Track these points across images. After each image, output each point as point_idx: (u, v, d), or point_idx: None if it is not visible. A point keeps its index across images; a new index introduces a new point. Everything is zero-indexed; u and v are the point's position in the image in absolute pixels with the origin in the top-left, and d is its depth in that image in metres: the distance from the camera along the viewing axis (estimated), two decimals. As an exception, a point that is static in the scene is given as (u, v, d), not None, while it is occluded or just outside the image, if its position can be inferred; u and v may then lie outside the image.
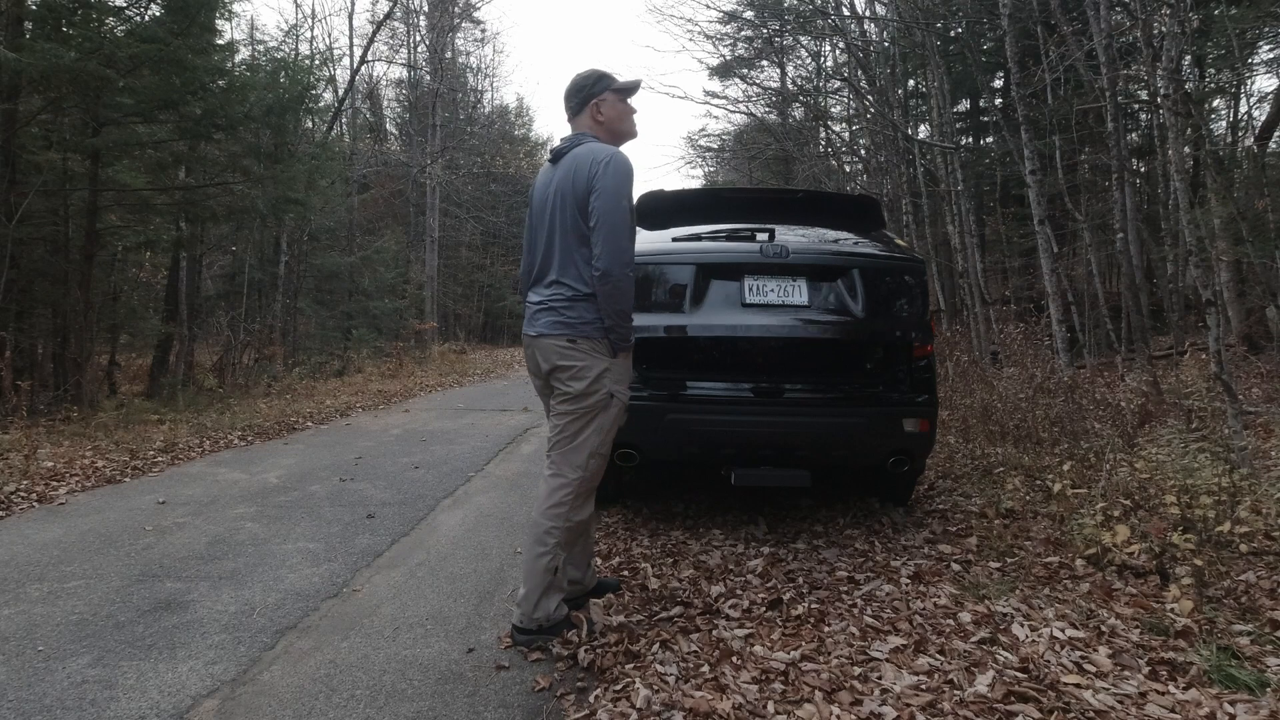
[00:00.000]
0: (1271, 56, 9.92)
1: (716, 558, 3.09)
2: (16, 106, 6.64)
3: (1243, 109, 10.50)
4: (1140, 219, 9.12)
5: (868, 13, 12.79)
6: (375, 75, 22.00)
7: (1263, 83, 15.19)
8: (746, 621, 2.44)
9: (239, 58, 10.78)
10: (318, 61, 12.08)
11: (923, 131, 14.12)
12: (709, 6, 28.30)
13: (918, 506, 3.88)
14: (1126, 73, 8.30)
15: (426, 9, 21.01)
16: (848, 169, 14.82)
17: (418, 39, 21.46)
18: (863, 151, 13.69)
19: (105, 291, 9.06)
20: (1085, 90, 8.66)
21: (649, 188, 4.13)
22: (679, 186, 4.25)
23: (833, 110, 16.41)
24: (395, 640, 2.37)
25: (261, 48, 12.75)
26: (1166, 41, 4.87)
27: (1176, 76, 4.74)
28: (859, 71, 12.40)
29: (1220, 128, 10.77)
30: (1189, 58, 8.37)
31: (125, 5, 7.45)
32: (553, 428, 2.36)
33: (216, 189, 8.84)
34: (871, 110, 11.64)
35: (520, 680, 2.12)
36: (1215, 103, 10.62)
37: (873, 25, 12.52)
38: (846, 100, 15.82)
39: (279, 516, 3.79)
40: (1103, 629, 2.32)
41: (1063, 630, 2.30)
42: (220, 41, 8.78)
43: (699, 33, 20.14)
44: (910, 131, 12.54)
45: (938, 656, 2.16)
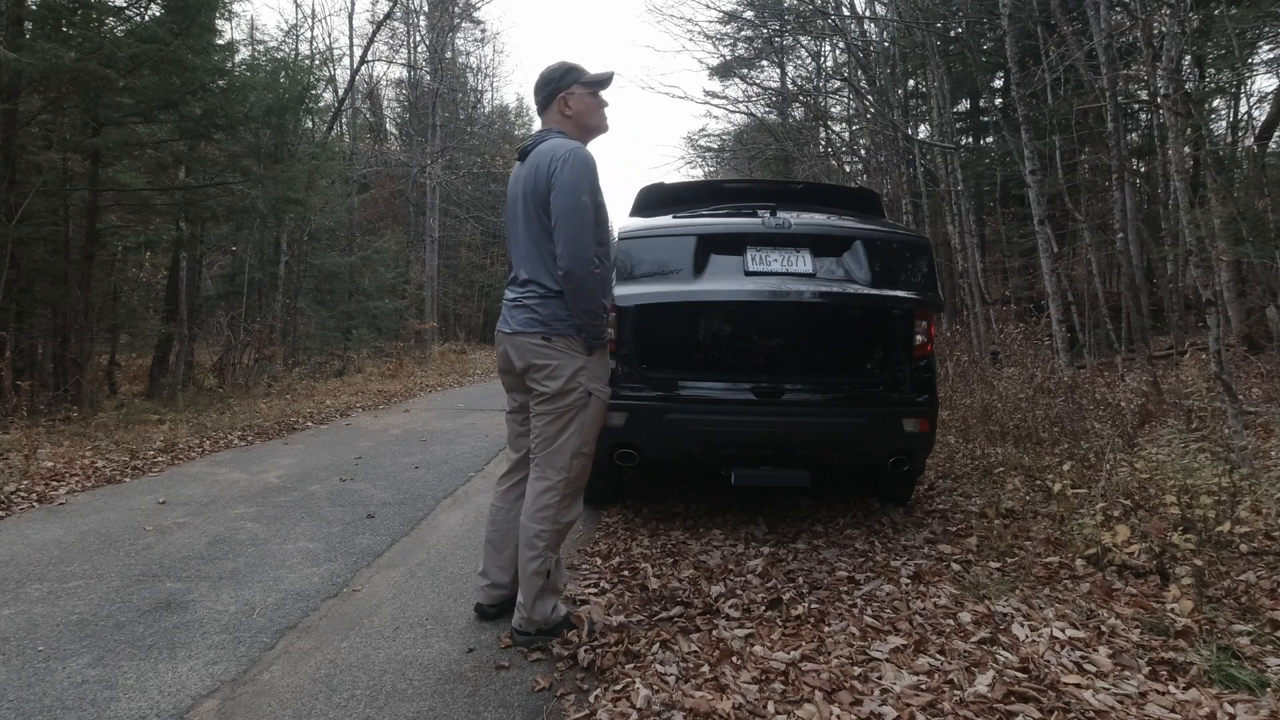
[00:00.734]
0: (1271, 56, 9.93)
1: (716, 558, 3.09)
2: (16, 106, 6.64)
3: (1243, 109, 10.51)
4: (1140, 219, 9.12)
5: (868, 13, 12.81)
6: (375, 75, 22.01)
7: (1263, 83, 15.20)
8: (746, 621, 2.44)
9: (239, 58, 10.77)
10: (318, 61, 12.08)
11: (923, 131, 14.12)
12: (709, 6, 28.32)
13: (918, 506, 3.88)
14: (1126, 73, 8.30)
15: (426, 9, 21.01)
16: (848, 169, 14.82)
17: (418, 39, 21.46)
18: (863, 151, 13.70)
19: (105, 291, 9.05)
20: (1085, 90, 8.66)
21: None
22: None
23: (833, 110, 16.42)
24: (395, 640, 2.37)
25: (261, 48, 12.74)
26: (1166, 41, 4.87)
27: (1176, 76, 4.74)
28: (859, 71, 12.41)
29: (1220, 128, 10.78)
30: (1189, 58, 8.37)
31: (125, 5, 7.45)
32: (533, 430, 2.35)
33: (216, 189, 8.84)
34: (871, 110, 11.64)
35: (520, 680, 2.12)
36: (1215, 103, 10.62)
37: (873, 25, 12.53)
38: (846, 100, 15.84)
39: (279, 516, 3.79)
40: (1103, 629, 2.32)
41: (1063, 630, 2.30)
42: (220, 41, 8.78)
43: (699, 33, 20.12)
44: (910, 131, 12.55)
45: (938, 656, 2.17)
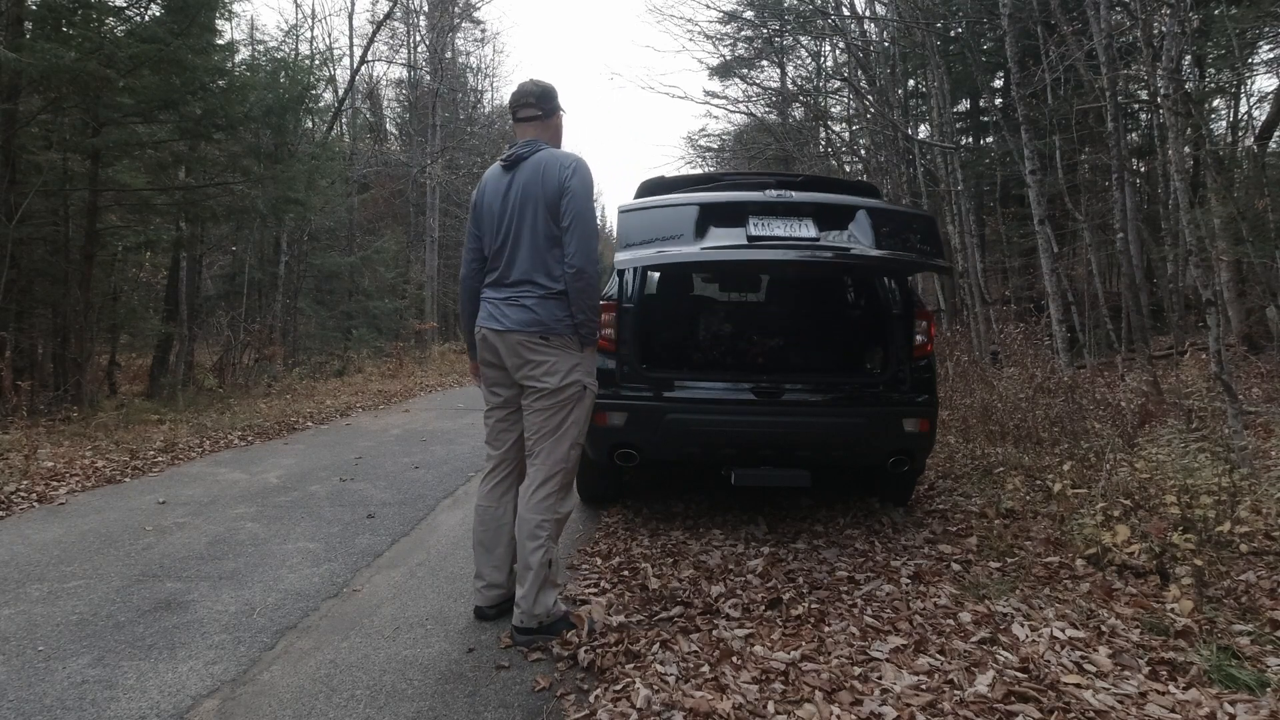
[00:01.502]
0: (1271, 56, 9.92)
1: (716, 558, 3.09)
2: (16, 106, 6.64)
3: (1243, 109, 10.50)
4: (1140, 219, 9.12)
5: (868, 13, 12.79)
6: (375, 75, 21.99)
7: (1263, 83, 15.21)
8: (746, 621, 2.44)
9: (239, 58, 10.77)
10: (318, 61, 12.09)
11: (923, 131, 14.12)
12: (709, 6, 28.32)
13: (918, 506, 3.88)
14: (1126, 73, 8.29)
15: (426, 9, 21.01)
16: (848, 169, 14.82)
17: (418, 39, 21.46)
18: (863, 151, 13.69)
19: (105, 291, 9.04)
20: (1085, 90, 8.65)
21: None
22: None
23: (833, 110, 16.41)
24: (395, 640, 2.37)
25: (261, 48, 12.73)
26: (1166, 41, 4.87)
27: (1176, 76, 4.74)
28: (859, 71, 12.40)
29: (1220, 128, 10.77)
30: (1189, 58, 8.36)
31: (125, 5, 7.45)
32: (530, 425, 2.40)
33: (216, 189, 8.84)
34: (871, 110, 11.64)
35: (520, 680, 2.12)
36: (1215, 103, 10.61)
37: (873, 25, 12.51)
38: (846, 100, 15.83)
39: (279, 516, 3.79)
40: (1103, 629, 2.32)
41: (1063, 630, 2.30)
42: (220, 41, 8.79)
43: (699, 33, 20.07)
44: (910, 131, 12.54)
45: (938, 656, 2.17)
